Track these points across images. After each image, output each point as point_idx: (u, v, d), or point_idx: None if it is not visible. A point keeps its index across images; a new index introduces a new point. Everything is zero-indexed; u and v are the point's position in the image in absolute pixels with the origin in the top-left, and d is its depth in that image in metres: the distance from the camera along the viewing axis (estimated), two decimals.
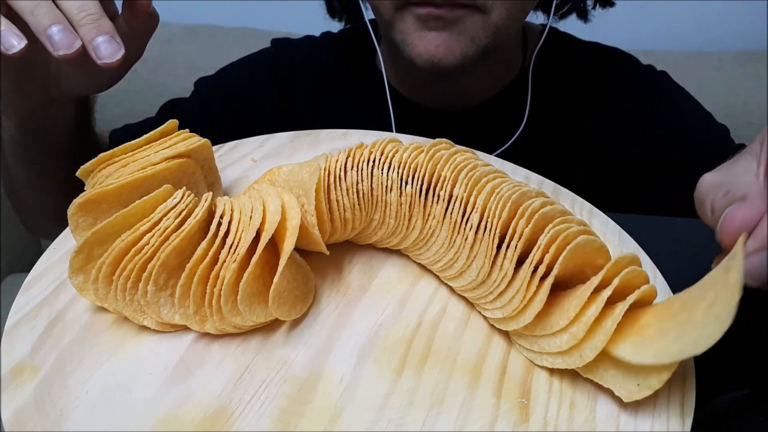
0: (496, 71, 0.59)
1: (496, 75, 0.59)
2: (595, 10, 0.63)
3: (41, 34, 0.30)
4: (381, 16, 0.52)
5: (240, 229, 0.26)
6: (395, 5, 0.49)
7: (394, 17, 0.50)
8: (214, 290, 0.25)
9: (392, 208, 0.29)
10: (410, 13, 0.49)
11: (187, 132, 0.31)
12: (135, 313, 0.26)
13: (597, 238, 0.26)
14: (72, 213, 0.27)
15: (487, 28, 0.49)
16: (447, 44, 0.49)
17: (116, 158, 0.29)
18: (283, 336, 0.27)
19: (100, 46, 0.31)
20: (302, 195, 0.28)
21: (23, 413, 0.23)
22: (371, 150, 0.30)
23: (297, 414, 0.24)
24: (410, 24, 0.49)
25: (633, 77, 0.62)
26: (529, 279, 0.25)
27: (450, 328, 0.28)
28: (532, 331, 0.26)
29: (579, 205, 0.36)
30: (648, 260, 0.32)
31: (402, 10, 0.49)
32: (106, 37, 0.31)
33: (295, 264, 0.28)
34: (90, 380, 0.24)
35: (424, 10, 0.47)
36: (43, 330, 0.26)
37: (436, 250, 0.29)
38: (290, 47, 0.68)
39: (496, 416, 0.24)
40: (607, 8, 0.63)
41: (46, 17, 0.30)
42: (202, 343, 0.26)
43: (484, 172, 0.28)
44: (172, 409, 0.23)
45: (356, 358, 0.26)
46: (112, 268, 0.25)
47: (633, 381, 0.23)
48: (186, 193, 0.27)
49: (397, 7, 0.49)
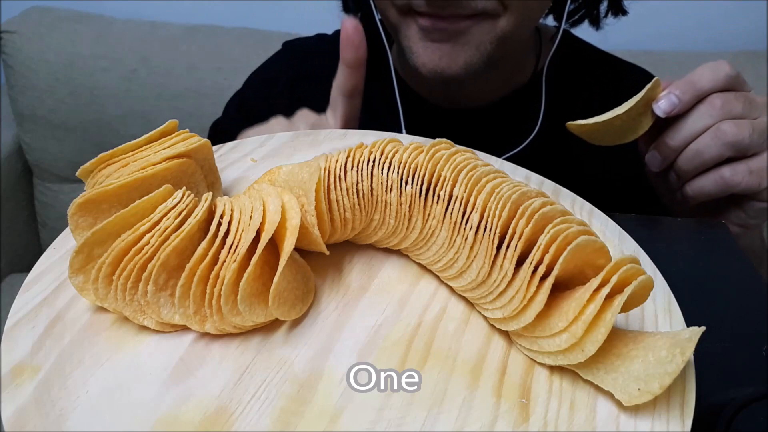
0: (508, 73, 0.59)
1: (508, 77, 0.59)
2: (607, 18, 0.62)
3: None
4: (387, 20, 0.52)
5: (240, 229, 0.26)
6: (400, 11, 0.49)
7: (399, 22, 0.50)
8: (214, 290, 0.25)
9: (392, 208, 0.29)
10: (414, 21, 0.48)
11: (187, 132, 0.31)
12: (135, 313, 0.26)
13: (597, 239, 0.26)
14: (72, 213, 0.27)
15: (493, 34, 0.48)
16: (450, 55, 0.48)
17: (116, 158, 0.29)
18: (283, 336, 0.27)
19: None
20: (302, 195, 0.28)
21: (23, 413, 0.23)
22: (371, 150, 0.30)
23: (297, 414, 0.24)
24: (414, 32, 0.48)
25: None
26: (529, 279, 0.25)
27: (450, 328, 0.28)
28: (532, 332, 0.26)
29: (579, 205, 0.36)
30: (648, 260, 0.32)
31: (407, 16, 0.49)
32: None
33: (295, 264, 0.28)
34: (90, 380, 0.24)
35: (427, 21, 0.47)
36: (43, 330, 0.26)
37: (436, 250, 0.29)
38: (302, 47, 0.68)
39: (496, 416, 0.24)
40: (619, 17, 0.62)
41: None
42: (202, 343, 0.26)
43: (484, 172, 0.28)
44: (172, 409, 0.23)
45: (356, 358, 0.26)
46: (112, 268, 0.25)
47: (633, 385, 0.23)
48: (186, 193, 0.27)
49: (402, 13, 0.49)
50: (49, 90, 1.03)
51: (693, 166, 0.41)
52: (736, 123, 0.40)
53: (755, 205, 0.43)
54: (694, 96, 0.40)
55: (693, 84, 0.41)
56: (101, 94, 1.03)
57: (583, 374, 0.25)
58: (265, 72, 0.67)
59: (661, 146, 0.43)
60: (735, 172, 0.40)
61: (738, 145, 0.39)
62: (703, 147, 0.40)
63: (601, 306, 0.24)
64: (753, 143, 0.40)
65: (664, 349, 0.23)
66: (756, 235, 0.48)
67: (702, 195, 0.42)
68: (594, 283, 0.24)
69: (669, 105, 0.40)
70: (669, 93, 0.41)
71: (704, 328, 0.23)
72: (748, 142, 0.39)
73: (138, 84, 1.02)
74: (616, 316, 0.24)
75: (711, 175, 0.41)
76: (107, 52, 1.02)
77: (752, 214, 0.43)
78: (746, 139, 0.39)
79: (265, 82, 0.66)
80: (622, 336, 0.25)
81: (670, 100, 0.40)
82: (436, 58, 0.49)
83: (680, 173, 0.43)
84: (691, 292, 0.31)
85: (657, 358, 0.23)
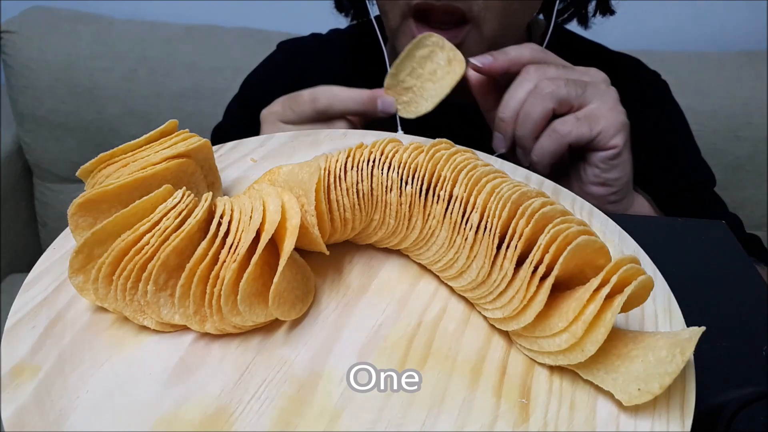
0: None
1: None
2: (596, 17, 0.63)
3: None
4: (387, 24, 0.52)
5: (240, 229, 0.26)
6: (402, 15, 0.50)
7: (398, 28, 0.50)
8: (214, 290, 0.25)
9: (392, 208, 0.29)
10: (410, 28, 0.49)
11: (187, 132, 0.31)
12: (135, 313, 0.26)
13: (597, 239, 0.26)
14: (72, 213, 0.27)
15: (481, 44, 0.49)
16: None
17: (116, 158, 0.29)
18: (283, 336, 0.27)
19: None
20: (302, 195, 0.28)
21: (23, 413, 0.23)
22: (371, 150, 0.30)
23: (297, 414, 0.24)
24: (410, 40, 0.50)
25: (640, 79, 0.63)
26: (529, 279, 0.25)
27: (450, 328, 0.28)
28: (532, 332, 0.26)
29: (579, 205, 0.36)
30: (648, 260, 0.32)
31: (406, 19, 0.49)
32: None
33: (295, 264, 0.28)
34: (90, 380, 0.24)
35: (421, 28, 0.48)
36: (43, 330, 0.26)
37: (436, 250, 0.29)
38: (297, 47, 0.68)
39: (496, 416, 0.24)
40: (607, 16, 0.63)
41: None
42: (202, 343, 0.26)
43: (484, 172, 0.28)
44: (172, 409, 0.23)
45: (356, 358, 0.26)
46: (112, 268, 0.25)
47: (633, 385, 0.23)
48: (186, 193, 0.27)
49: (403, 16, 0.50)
50: (49, 90, 1.03)
51: (528, 130, 0.44)
52: (552, 79, 0.43)
53: (599, 155, 0.44)
54: (507, 60, 0.45)
55: (506, 52, 0.45)
56: (101, 94, 1.03)
57: (583, 374, 0.25)
58: (263, 73, 0.67)
59: (498, 125, 0.46)
60: (564, 122, 0.43)
61: (557, 95, 0.43)
62: (529, 108, 0.43)
63: (601, 306, 0.24)
64: (571, 94, 0.43)
65: (664, 349, 0.23)
66: (637, 203, 0.50)
67: (545, 155, 0.44)
68: (594, 283, 0.24)
69: (484, 59, 0.45)
70: (486, 54, 0.46)
71: (704, 328, 0.23)
72: (565, 92, 0.43)
73: (138, 84, 1.02)
74: (616, 316, 0.24)
75: (546, 133, 0.44)
76: (107, 52, 1.02)
77: (602, 167, 0.45)
78: (563, 89, 0.43)
79: (263, 83, 0.66)
80: (622, 336, 0.25)
81: (485, 57, 0.45)
82: None
83: (522, 144, 0.45)
84: (691, 292, 0.31)
85: (657, 358, 0.23)
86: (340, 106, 0.46)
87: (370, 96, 0.46)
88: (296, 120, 0.47)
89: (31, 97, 1.05)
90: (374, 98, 0.47)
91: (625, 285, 0.24)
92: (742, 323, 0.32)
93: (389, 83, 0.47)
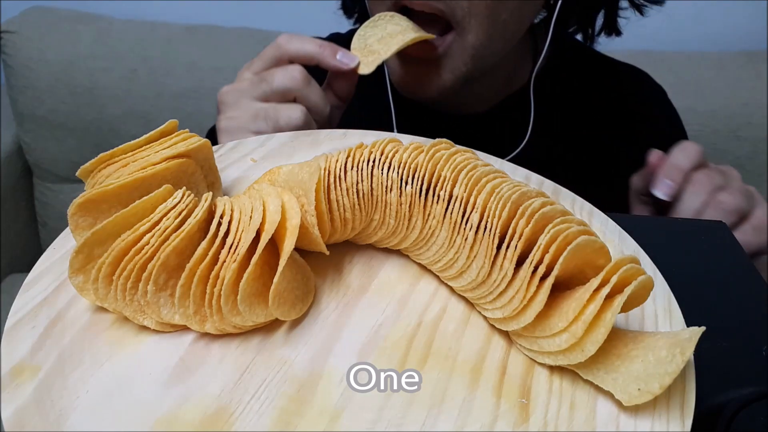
0: (501, 80, 0.59)
1: (502, 83, 0.59)
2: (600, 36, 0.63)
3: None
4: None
5: (240, 229, 0.26)
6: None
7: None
8: (214, 290, 0.25)
9: (392, 208, 0.29)
10: None
11: (187, 132, 0.31)
12: (135, 313, 0.26)
13: (597, 239, 0.26)
14: (72, 213, 0.27)
15: (465, 53, 0.48)
16: (425, 77, 0.50)
17: (116, 158, 0.29)
18: (283, 336, 0.27)
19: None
20: (302, 195, 0.28)
21: (23, 413, 0.23)
22: (371, 150, 0.30)
23: (297, 414, 0.23)
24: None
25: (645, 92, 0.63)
26: (529, 279, 0.25)
27: (450, 328, 0.28)
28: (532, 332, 0.26)
29: (579, 205, 0.36)
30: (648, 260, 0.32)
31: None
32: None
33: (295, 264, 0.28)
34: (90, 380, 0.24)
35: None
36: (43, 330, 0.26)
37: (436, 250, 0.29)
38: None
39: (496, 416, 0.24)
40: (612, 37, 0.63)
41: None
42: (202, 343, 0.26)
43: (484, 172, 0.28)
44: (172, 409, 0.23)
45: (356, 358, 0.26)
46: (112, 268, 0.25)
47: (633, 385, 0.23)
48: (186, 193, 0.27)
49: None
50: (49, 90, 1.03)
51: None
52: (729, 192, 0.44)
53: (764, 258, 0.46)
54: (681, 176, 0.46)
55: (676, 167, 0.47)
56: (101, 94, 1.03)
57: (583, 374, 0.25)
58: None
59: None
60: (744, 233, 0.44)
61: (739, 209, 0.44)
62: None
63: (601, 306, 0.24)
64: (743, 205, 0.44)
65: (664, 349, 0.23)
66: None
67: None
68: (594, 283, 0.24)
69: (667, 188, 0.46)
70: (662, 180, 0.47)
71: (704, 328, 0.23)
72: (745, 204, 0.44)
73: (138, 84, 1.02)
74: (616, 316, 0.24)
75: None
76: (107, 52, 1.02)
77: (761, 267, 0.47)
78: (743, 202, 0.44)
79: None
80: (622, 336, 0.25)
81: (666, 185, 0.47)
82: (409, 78, 0.51)
83: None
84: (691, 292, 0.31)
85: (657, 358, 0.23)
86: (298, 43, 0.46)
87: (331, 44, 0.46)
88: (260, 68, 0.48)
89: (31, 97, 1.05)
90: (335, 48, 0.46)
91: (625, 285, 0.24)
92: (742, 323, 0.32)
93: (356, 45, 0.47)
